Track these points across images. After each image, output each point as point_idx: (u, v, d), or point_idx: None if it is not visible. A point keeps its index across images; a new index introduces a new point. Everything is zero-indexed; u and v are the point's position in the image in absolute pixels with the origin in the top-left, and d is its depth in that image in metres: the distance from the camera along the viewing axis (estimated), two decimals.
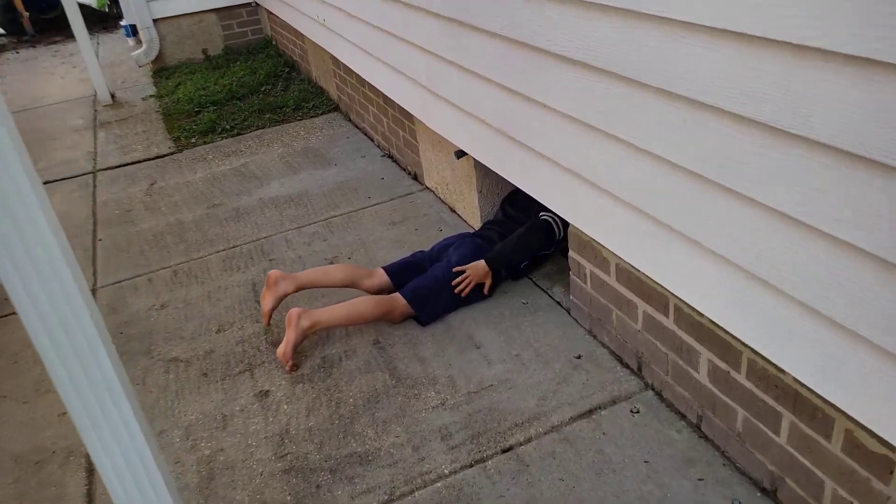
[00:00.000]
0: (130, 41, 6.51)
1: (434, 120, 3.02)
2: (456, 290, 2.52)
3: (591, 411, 2.07)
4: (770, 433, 1.69)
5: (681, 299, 1.87)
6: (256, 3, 6.40)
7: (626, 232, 1.92)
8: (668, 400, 2.06)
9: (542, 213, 2.63)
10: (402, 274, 2.65)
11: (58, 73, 6.98)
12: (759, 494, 1.75)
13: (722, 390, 1.82)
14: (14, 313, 2.94)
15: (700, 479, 1.81)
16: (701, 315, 1.82)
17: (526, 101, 2.20)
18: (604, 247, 2.15)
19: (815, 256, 1.34)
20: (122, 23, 6.51)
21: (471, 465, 1.94)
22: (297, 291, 2.62)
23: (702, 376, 1.89)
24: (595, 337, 2.37)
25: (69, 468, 2.12)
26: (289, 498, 1.91)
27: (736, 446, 1.83)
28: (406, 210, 3.38)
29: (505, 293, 2.65)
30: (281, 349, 2.35)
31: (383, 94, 3.80)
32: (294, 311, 2.36)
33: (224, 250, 3.22)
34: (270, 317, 2.59)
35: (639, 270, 2.02)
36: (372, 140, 4.27)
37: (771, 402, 1.66)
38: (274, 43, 6.35)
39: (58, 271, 1.09)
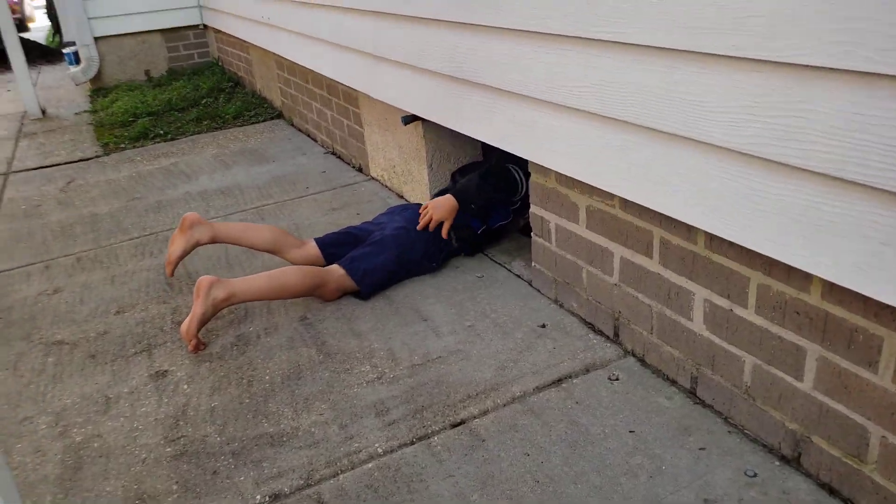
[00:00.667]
0: (72, 68, 6.15)
1: (381, 89, 2.71)
2: (419, 228, 2.17)
3: (560, 380, 1.69)
4: (790, 379, 1.34)
5: (668, 230, 1.53)
6: (205, 25, 6.14)
7: (598, 153, 1.59)
8: (653, 365, 1.70)
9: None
10: (336, 246, 2.27)
11: None
12: (777, 463, 1.38)
13: (723, 336, 1.47)
14: None
15: (702, 449, 1.43)
16: (695, 243, 1.48)
17: (483, 31, 1.90)
18: (572, 188, 1.82)
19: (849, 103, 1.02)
20: (65, 51, 6.16)
21: (411, 443, 1.53)
22: (211, 243, 2.23)
23: (696, 324, 1.53)
24: (562, 306, 2.01)
25: None
26: (175, 487, 1.47)
27: (743, 407, 1.46)
28: (348, 198, 3.03)
29: (457, 267, 2.29)
30: (185, 324, 1.93)
31: (327, 85, 3.50)
32: (204, 279, 1.95)
33: (138, 237, 2.81)
34: (176, 266, 2.20)
35: (614, 206, 1.68)
36: (315, 140, 3.95)
37: (791, 336, 1.31)
38: (220, 63, 6.07)
39: None
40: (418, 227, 2.22)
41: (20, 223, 3.11)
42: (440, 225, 2.23)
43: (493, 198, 2.27)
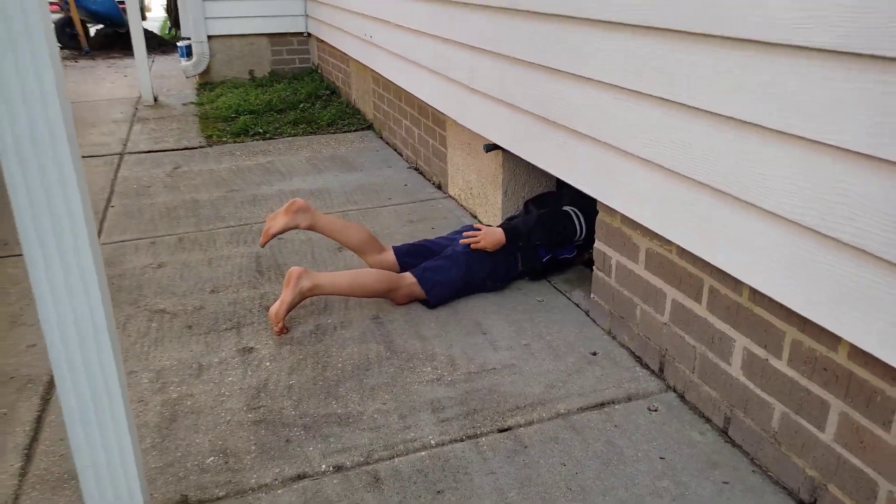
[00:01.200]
0: (183, 60, 6.64)
1: (468, 117, 2.92)
2: (461, 240, 2.36)
3: (602, 404, 1.84)
4: (813, 429, 1.46)
5: (717, 280, 1.67)
6: (308, 34, 6.52)
7: (663, 202, 1.75)
8: (692, 402, 1.83)
9: (564, 207, 2.47)
10: (411, 256, 2.48)
11: (109, 79, 7.12)
12: None
13: (757, 383, 1.60)
14: (9, 255, 2.82)
15: (725, 483, 1.56)
16: (740, 294, 1.61)
17: (568, 78, 2.08)
18: (635, 229, 1.98)
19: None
20: (179, 44, 6.67)
21: (461, 440, 1.71)
22: (309, 229, 2.44)
23: (734, 369, 1.67)
24: (614, 337, 2.16)
25: (25, 393, 1.93)
26: (253, 448, 1.69)
27: (770, 450, 1.58)
28: (425, 212, 3.25)
29: (520, 290, 2.47)
30: (274, 308, 2.17)
31: (419, 106, 3.74)
32: (294, 269, 2.19)
33: (234, 226, 3.09)
34: (270, 240, 2.43)
35: (672, 252, 1.83)
36: (401, 154, 4.20)
37: (817, 390, 1.44)
38: (319, 71, 6.43)
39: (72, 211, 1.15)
40: (461, 241, 2.40)
41: (132, 201, 3.45)
42: (511, 249, 2.41)
43: (544, 241, 2.44)
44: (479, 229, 2.41)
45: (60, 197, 1.14)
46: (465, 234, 2.41)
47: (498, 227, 2.43)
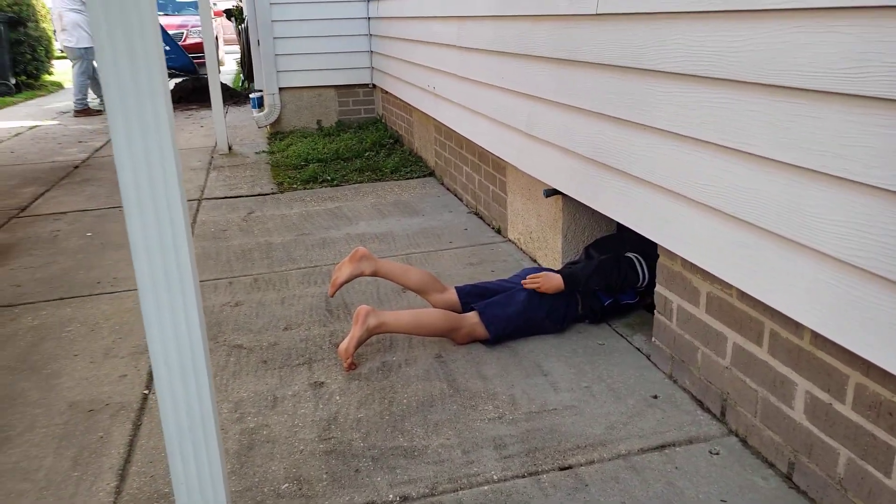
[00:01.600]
0: (255, 111, 7.00)
1: (528, 163, 3.02)
2: (523, 284, 2.43)
3: (663, 446, 1.87)
4: (880, 475, 1.46)
5: (778, 323, 1.71)
6: (373, 85, 6.80)
7: (721, 246, 1.80)
8: (755, 447, 1.84)
9: (626, 253, 2.53)
10: (472, 297, 2.57)
11: (188, 129, 7.55)
12: None
13: (821, 428, 1.61)
14: (100, 293, 3.03)
15: None
16: (801, 337, 1.64)
17: (627, 125, 2.17)
18: (695, 273, 2.02)
19: None
20: (251, 96, 7.06)
21: (523, 476, 1.77)
22: (373, 276, 2.58)
23: (797, 413, 1.68)
24: (675, 381, 2.18)
25: (118, 420, 2.09)
26: (325, 476, 1.79)
27: (835, 497, 1.59)
28: (485, 255, 3.34)
29: (580, 333, 2.52)
30: (343, 345, 2.29)
31: (479, 152, 3.87)
32: (362, 308, 2.31)
33: (305, 268, 3.25)
34: (338, 289, 2.55)
35: (732, 295, 1.87)
36: (461, 199, 4.33)
37: (883, 435, 1.45)
38: (383, 121, 6.68)
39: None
40: (523, 284, 2.47)
41: (209, 243, 3.66)
42: (570, 291, 2.48)
43: (602, 287, 2.49)
44: (540, 274, 2.48)
45: (170, 237, 1.27)
46: (526, 277, 2.49)
47: (557, 272, 2.50)
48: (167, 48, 9.27)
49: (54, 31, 12.21)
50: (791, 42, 1.49)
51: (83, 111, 8.73)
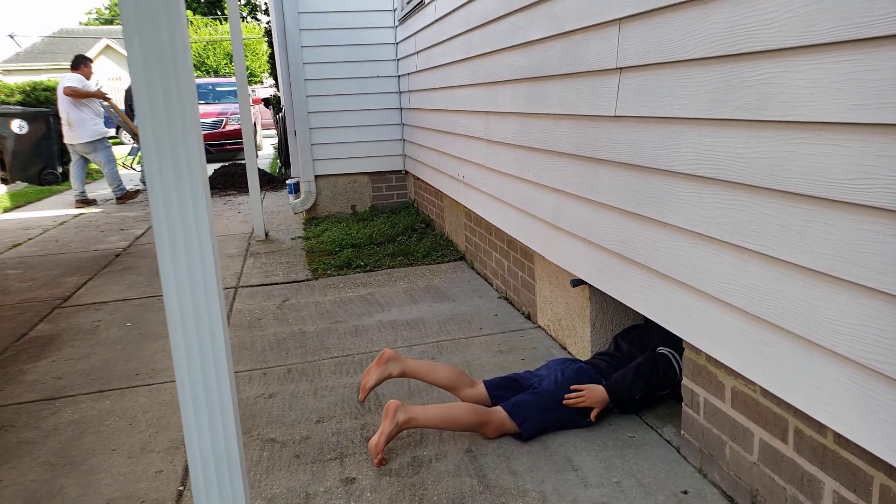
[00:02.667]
0: (291, 197, 7.27)
1: (554, 253, 3.10)
2: (565, 402, 2.44)
3: None
4: None
5: (801, 421, 1.72)
6: (406, 171, 7.03)
7: (742, 343, 1.83)
8: None
9: (659, 348, 2.56)
10: (501, 390, 2.60)
11: (225, 216, 7.83)
12: None
13: None
14: (138, 385, 3.13)
15: None
16: (825, 436, 1.65)
17: (647, 222, 2.25)
18: (720, 368, 2.05)
19: None
20: (288, 181, 7.35)
21: None
22: (401, 377, 2.64)
23: None
24: (705, 476, 2.17)
25: None
26: None
27: None
28: (515, 342, 3.39)
29: (610, 425, 2.53)
30: (374, 440, 2.33)
31: (508, 240, 3.97)
32: (392, 402, 2.37)
33: (338, 357, 3.32)
34: (368, 394, 2.60)
35: (756, 392, 1.89)
36: (491, 284, 4.40)
37: None
38: (415, 205, 6.87)
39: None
40: (565, 402, 2.47)
41: (244, 332, 3.77)
42: (600, 382, 2.50)
43: (645, 392, 2.52)
44: (582, 389, 2.49)
45: (208, 334, 1.36)
46: (566, 396, 2.49)
47: (600, 385, 2.51)
48: None
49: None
50: (795, 152, 1.57)
51: (125, 196, 9.15)
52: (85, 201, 9.07)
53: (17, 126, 10.85)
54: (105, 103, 9.28)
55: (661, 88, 2.09)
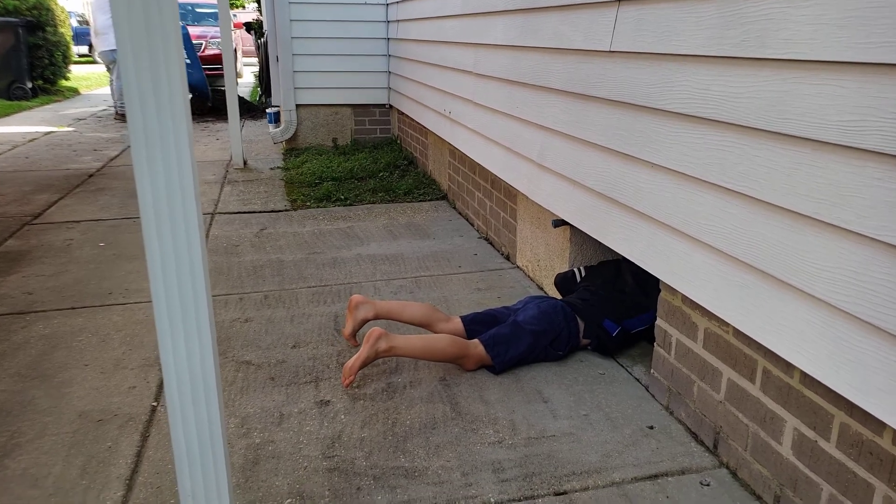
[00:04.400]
0: (271, 127, 7.13)
1: (538, 193, 3.09)
2: None
3: (656, 476, 1.92)
4: None
5: (770, 361, 1.76)
6: (390, 105, 6.91)
7: (719, 284, 1.86)
8: (744, 479, 1.89)
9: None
10: (477, 324, 2.63)
11: (203, 142, 7.67)
12: None
13: (806, 464, 1.66)
14: (112, 304, 3.11)
15: None
16: (791, 376, 1.69)
17: (634, 162, 2.24)
18: (694, 309, 2.08)
19: None
20: (268, 111, 7.19)
21: (519, 500, 1.82)
22: (375, 319, 2.65)
23: (784, 448, 1.73)
24: (672, 413, 2.23)
25: (126, 430, 2.15)
26: (327, 493, 1.84)
27: None
28: (493, 281, 3.40)
29: (581, 361, 2.57)
30: (349, 362, 2.35)
31: (492, 179, 3.95)
32: (375, 330, 2.37)
33: (315, 287, 3.32)
34: (355, 343, 2.65)
35: (728, 333, 1.93)
36: (472, 224, 4.40)
37: (863, 473, 1.49)
38: (398, 141, 6.79)
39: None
40: (539, 346, 2.51)
41: (221, 258, 3.74)
42: (574, 318, 2.54)
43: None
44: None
45: (185, 250, 1.33)
46: (529, 304, 2.52)
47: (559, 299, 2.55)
48: (188, 61, 9.37)
49: (74, 35, 12.38)
50: (791, 92, 1.56)
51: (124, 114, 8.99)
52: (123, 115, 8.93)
53: None
54: None
55: (659, 23, 2.05)
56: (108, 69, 8.70)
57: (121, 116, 8.90)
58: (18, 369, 2.54)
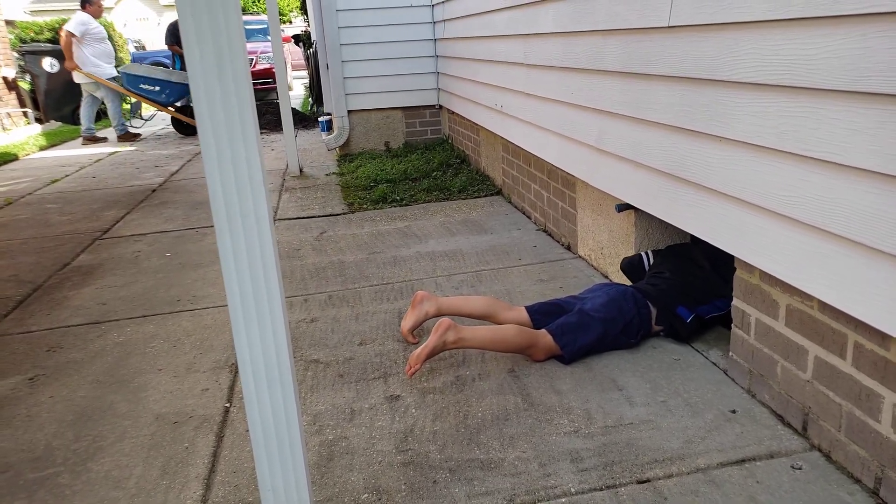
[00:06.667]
0: (324, 134, 7.21)
1: (599, 178, 3.02)
2: None
3: (743, 461, 1.83)
4: None
5: (862, 334, 1.66)
6: (440, 106, 6.91)
7: (800, 257, 1.77)
8: (839, 462, 1.79)
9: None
10: (544, 314, 2.57)
11: None
12: None
13: None
14: (181, 311, 3.17)
15: None
16: (887, 349, 1.59)
17: (701, 137, 2.16)
18: (774, 285, 1.98)
19: None
20: (320, 119, 7.28)
21: (601, 489, 1.76)
22: (437, 315, 2.63)
23: (884, 426, 1.63)
24: (754, 396, 2.14)
25: (202, 431, 2.18)
26: (403, 487, 1.82)
27: None
28: (555, 272, 3.35)
29: (654, 348, 2.49)
30: (416, 351, 2.32)
31: (548, 169, 3.89)
32: (445, 320, 2.35)
33: (377, 285, 3.32)
34: (413, 340, 2.63)
35: (813, 307, 1.83)
36: (529, 217, 4.34)
37: None
38: (450, 141, 6.77)
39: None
40: (610, 334, 2.44)
41: (284, 262, 3.79)
42: (645, 305, 2.46)
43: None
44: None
45: (258, 253, 1.34)
46: (598, 292, 2.46)
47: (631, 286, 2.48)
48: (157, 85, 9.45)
49: (132, 59, 12.83)
50: (873, 48, 1.47)
51: (124, 136, 9.30)
52: (128, 135, 9.33)
53: (49, 64, 10.88)
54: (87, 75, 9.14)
55: None
56: (111, 94, 9.04)
57: (122, 138, 9.25)
58: (96, 376, 2.61)
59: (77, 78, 8.95)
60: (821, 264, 1.70)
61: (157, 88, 9.36)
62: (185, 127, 9.68)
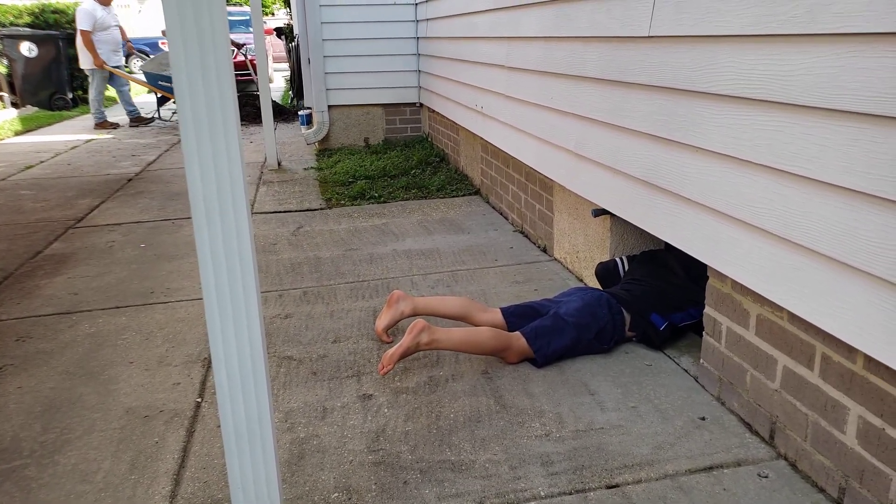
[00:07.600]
0: (304, 128, 7.17)
1: (576, 183, 3.04)
2: None
3: (711, 468, 1.86)
4: None
5: (830, 346, 1.69)
6: (420, 104, 6.90)
7: (772, 268, 1.80)
8: (804, 471, 1.82)
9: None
10: (518, 317, 2.58)
11: None
12: None
13: (873, 453, 1.59)
14: (154, 303, 3.14)
15: None
16: (854, 361, 1.63)
17: (677, 147, 2.19)
18: (745, 295, 2.02)
19: None
20: (301, 113, 7.24)
21: (570, 493, 1.78)
22: (413, 315, 2.63)
23: (848, 437, 1.66)
24: (723, 403, 2.17)
25: (172, 426, 2.16)
26: (374, 486, 1.83)
27: None
28: (531, 273, 3.36)
29: (627, 353, 2.52)
30: (390, 351, 2.32)
31: (526, 172, 3.91)
32: (419, 322, 2.35)
33: (353, 282, 3.31)
34: (387, 339, 2.62)
35: (783, 318, 1.86)
36: (506, 218, 4.36)
37: None
38: (430, 139, 6.77)
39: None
40: (583, 339, 2.45)
41: (260, 257, 3.76)
42: (619, 311, 2.49)
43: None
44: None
45: (235, 242, 1.33)
46: (573, 296, 2.48)
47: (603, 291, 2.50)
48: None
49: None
50: (847, 66, 1.50)
51: (101, 124, 9.19)
52: (139, 119, 9.36)
53: (27, 49, 10.68)
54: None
55: (700, 5, 2.00)
56: (91, 80, 8.96)
57: (99, 125, 9.15)
58: (66, 367, 2.57)
59: (83, 64, 8.86)
60: (791, 276, 1.73)
61: (171, 84, 9.28)
62: None
